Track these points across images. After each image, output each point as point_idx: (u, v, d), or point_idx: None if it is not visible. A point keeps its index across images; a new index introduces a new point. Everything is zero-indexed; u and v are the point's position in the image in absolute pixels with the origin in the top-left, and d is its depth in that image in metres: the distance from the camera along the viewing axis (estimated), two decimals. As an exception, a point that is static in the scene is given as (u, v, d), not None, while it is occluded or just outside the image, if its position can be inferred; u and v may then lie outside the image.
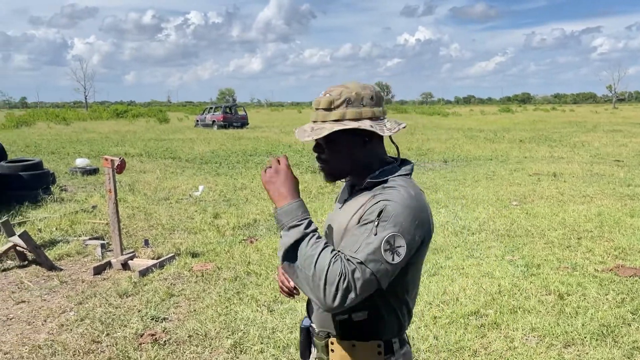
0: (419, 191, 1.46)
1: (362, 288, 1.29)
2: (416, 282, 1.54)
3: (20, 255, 5.57)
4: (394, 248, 1.32)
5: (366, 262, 1.29)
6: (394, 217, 1.34)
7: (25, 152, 15.85)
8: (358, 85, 1.48)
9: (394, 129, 1.45)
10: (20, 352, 3.62)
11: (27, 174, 8.71)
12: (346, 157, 1.49)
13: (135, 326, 3.98)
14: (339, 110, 1.44)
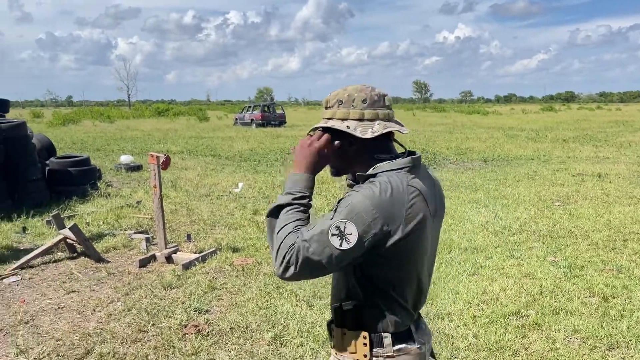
0: (407, 185, 1.47)
1: (302, 265, 1.38)
2: (407, 280, 1.53)
3: (70, 248, 5.82)
4: (344, 234, 1.38)
5: (310, 240, 1.39)
6: (351, 205, 1.41)
7: (72, 149, 16.43)
8: (356, 88, 1.56)
9: (378, 132, 1.49)
10: (72, 339, 3.79)
11: (76, 169, 9.05)
12: (339, 154, 1.58)
13: (180, 317, 4.11)
14: (331, 110, 1.56)
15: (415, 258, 1.52)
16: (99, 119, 38.95)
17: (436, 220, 1.60)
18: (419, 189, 1.50)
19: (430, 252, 1.61)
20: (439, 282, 4.77)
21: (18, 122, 8.63)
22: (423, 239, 1.51)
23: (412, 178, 1.50)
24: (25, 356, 3.53)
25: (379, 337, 1.53)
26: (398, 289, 1.52)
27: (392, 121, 1.58)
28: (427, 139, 20.63)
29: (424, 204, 1.49)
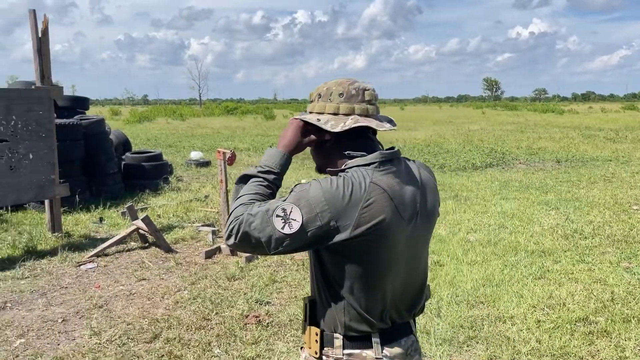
0: (369, 183, 1.39)
1: (242, 237, 1.39)
2: (366, 286, 1.45)
3: (142, 238, 6.13)
4: (288, 218, 1.36)
5: (255, 216, 1.37)
6: (303, 192, 1.38)
7: (146, 145, 17.24)
8: (336, 82, 1.52)
9: (348, 126, 1.44)
10: (141, 323, 4.01)
11: (149, 164, 9.52)
12: (315, 147, 1.58)
13: (241, 307, 4.25)
14: (312, 104, 1.54)
15: (375, 262, 1.43)
16: (172, 116, 40.54)
17: (418, 224, 1.49)
18: (384, 188, 1.40)
19: (408, 259, 1.50)
20: (502, 285, 4.65)
21: (97, 118, 9.18)
22: (385, 244, 1.42)
23: (380, 176, 1.42)
24: (98, 338, 3.77)
25: (330, 336, 1.50)
26: (352, 292, 1.45)
27: (371, 117, 1.50)
28: (496, 138, 20.01)
29: (389, 205, 1.40)
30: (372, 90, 1.52)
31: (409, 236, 1.47)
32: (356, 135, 1.49)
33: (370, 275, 1.44)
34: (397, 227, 1.42)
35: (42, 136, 6.09)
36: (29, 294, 4.67)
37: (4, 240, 6.14)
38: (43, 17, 6.14)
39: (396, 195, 1.42)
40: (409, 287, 1.54)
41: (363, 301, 1.45)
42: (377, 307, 1.47)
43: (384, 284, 1.46)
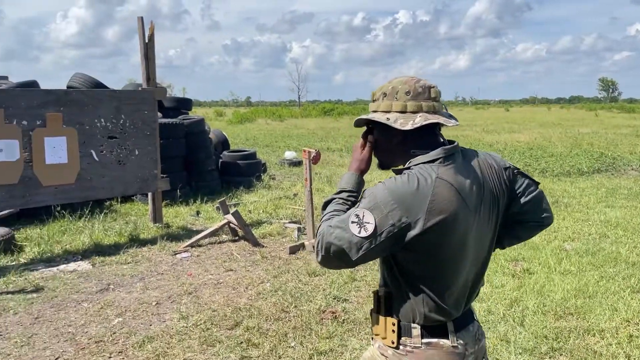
0: (435, 178, 1.42)
1: (327, 250, 1.43)
2: (440, 276, 1.49)
3: (232, 231, 6.44)
4: (362, 222, 1.39)
5: (334, 226, 1.43)
6: (371, 195, 1.42)
7: (244, 144, 17.99)
8: (400, 80, 1.53)
9: (418, 124, 1.46)
10: (225, 311, 4.23)
11: (244, 162, 9.96)
12: (381, 146, 1.59)
13: (319, 302, 4.34)
14: (376, 103, 1.55)
15: (448, 254, 1.46)
16: (271, 117, 41.90)
17: (483, 213, 1.51)
18: (450, 181, 1.43)
19: (476, 248, 1.53)
20: (595, 297, 4.35)
21: (198, 119, 9.76)
22: (455, 236, 1.44)
23: (445, 170, 1.44)
24: (186, 322, 4.03)
25: (407, 326, 1.53)
26: (428, 284, 1.49)
27: (437, 114, 1.52)
28: (607, 142, 18.57)
29: (457, 198, 1.43)
30: (436, 88, 1.55)
31: (476, 226, 1.51)
32: (424, 132, 1.52)
33: (445, 267, 1.50)
34: (465, 218, 1.47)
35: (147, 134, 6.60)
36: (130, 278, 5.09)
37: (112, 228, 6.73)
38: (150, 24, 6.65)
39: (462, 188, 1.46)
40: (475, 276, 1.59)
41: (439, 291, 1.50)
42: (452, 296, 1.53)
43: (458, 274, 1.52)
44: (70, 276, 5.13)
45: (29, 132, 5.67)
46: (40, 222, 6.96)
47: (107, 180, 6.30)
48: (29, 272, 5.21)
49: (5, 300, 4.50)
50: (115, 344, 3.70)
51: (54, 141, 5.84)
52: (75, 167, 6.02)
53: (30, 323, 4.06)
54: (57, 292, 4.70)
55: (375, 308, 1.61)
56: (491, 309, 4.17)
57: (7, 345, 3.69)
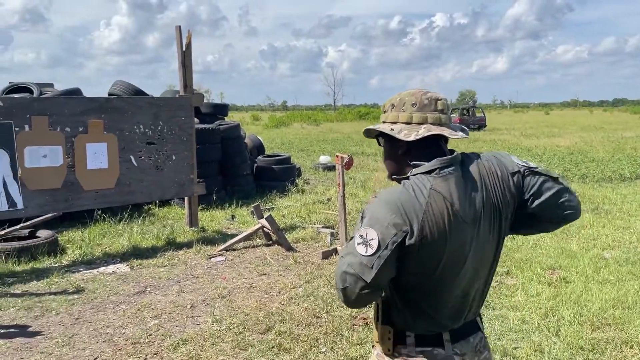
0: (429, 189, 1.43)
1: (342, 281, 1.42)
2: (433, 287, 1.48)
3: (266, 236, 6.52)
4: (367, 240, 1.39)
5: (344, 255, 1.43)
6: (370, 211, 1.43)
7: (280, 149, 18.16)
8: (409, 92, 1.54)
9: (421, 135, 1.47)
10: (257, 315, 4.29)
11: (278, 167, 10.07)
12: (387, 156, 1.60)
13: (351, 309, 4.35)
14: (385, 114, 1.57)
15: (440, 266, 1.45)
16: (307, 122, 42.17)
17: (484, 225, 1.49)
18: (443, 193, 1.43)
19: (476, 261, 1.51)
20: (635, 307, 4.22)
21: (233, 124, 9.92)
22: (448, 247, 1.44)
23: (440, 182, 1.45)
24: (219, 325, 4.11)
25: (402, 334, 1.54)
26: (421, 295, 1.49)
27: (443, 126, 1.52)
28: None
29: (449, 210, 1.42)
30: (444, 100, 1.56)
31: (474, 238, 1.49)
32: (428, 144, 1.53)
33: (438, 279, 1.49)
34: (460, 230, 1.46)
35: (183, 140, 6.76)
36: (166, 281, 5.22)
37: (150, 232, 6.91)
38: (187, 33, 6.82)
39: (456, 200, 1.46)
40: (476, 287, 1.57)
41: (432, 303, 1.52)
42: (447, 307, 1.53)
43: (453, 286, 1.51)
44: (110, 278, 5.30)
45: (72, 139, 5.89)
46: (82, 225, 7.21)
47: (146, 184, 6.48)
48: (70, 273, 5.41)
49: (48, 300, 4.69)
50: (151, 345, 3.81)
51: (95, 147, 6.05)
52: (115, 172, 6.22)
53: (71, 323, 4.22)
54: (97, 294, 4.86)
55: (374, 315, 1.64)
56: (525, 318, 4.10)
57: (49, 344, 3.84)
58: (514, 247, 6.03)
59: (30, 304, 4.60)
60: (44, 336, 3.99)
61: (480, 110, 34.07)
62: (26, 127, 5.59)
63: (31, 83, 8.69)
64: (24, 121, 5.58)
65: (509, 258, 5.65)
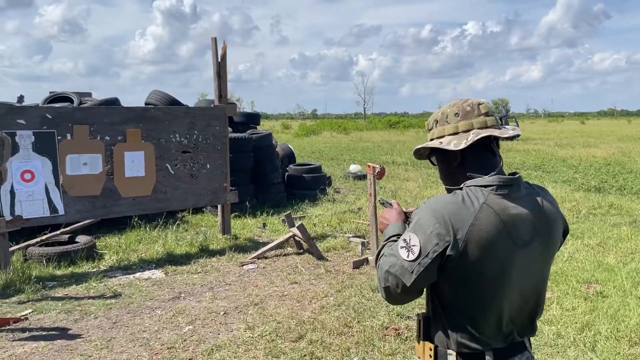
0: (481, 204, 1.43)
1: (385, 280, 1.47)
2: (477, 304, 1.48)
3: (297, 244, 6.58)
4: (409, 246, 1.42)
5: (387, 256, 1.48)
6: (417, 217, 1.45)
7: (310, 157, 18.25)
8: (449, 104, 1.56)
9: (471, 141, 1.47)
10: (289, 323, 4.33)
11: (309, 176, 10.13)
12: (443, 173, 1.60)
13: (382, 319, 4.36)
14: (431, 132, 1.59)
15: (483, 283, 1.45)
16: (337, 130, 42.22)
17: (534, 249, 1.49)
18: (497, 210, 1.43)
19: (522, 282, 1.50)
20: (676, 324, 4.10)
21: (265, 133, 10.05)
22: (494, 265, 1.44)
23: (495, 199, 1.44)
24: (252, 332, 4.17)
25: (443, 352, 1.53)
26: (463, 311, 1.49)
27: (490, 127, 1.52)
28: None
29: (499, 228, 1.42)
30: (486, 103, 1.57)
31: (522, 260, 1.49)
32: (479, 149, 1.54)
33: (480, 294, 1.48)
34: (507, 249, 1.46)
35: (217, 148, 6.89)
36: (200, 287, 5.32)
37: (184, 239, 7.04)
38: (222, 44, 6.97)
39: (509, 219, 1.45)
40: (523, 309, 1.55)
41: (474, 320, 1.50)
42: (489, 326, 1.51)
43: (495, 304, 1.49)
44: (145, 284, 5.43)
45: (111, 147, 6.08)
46: (119, 231, 7.40)
47: (180, 192, 6.62)
48: (108, 278, 5.56)
49: (87, 304, 4.83)
50: (186, 350, 3.89)
51: (133, 155, 6.22)
52: (152, 180, 6.38)
53: (109, 327, 4.34)
54: (133, 299, 4.98)
55: (418, 332, 1.64)
56: (561, 333, 4.03)
57: (88, 347, 3.96)
58: (548, 260, 5.93)
59: (70, 307, 4.75)
60: (83, 339, 4.11)
61: (514, 120, 33.58)
62: (68, 136, 5.80)
63: (71, 92, 8.99)
64: (66, 130, 5.79)
65: (543, 271, 5.56)
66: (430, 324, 1.59)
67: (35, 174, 5.61)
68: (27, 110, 5.72)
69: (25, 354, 3.85)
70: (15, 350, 3.89)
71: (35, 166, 5.62)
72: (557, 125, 60.11)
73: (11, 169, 5.47)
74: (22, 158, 5.54)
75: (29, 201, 5.60)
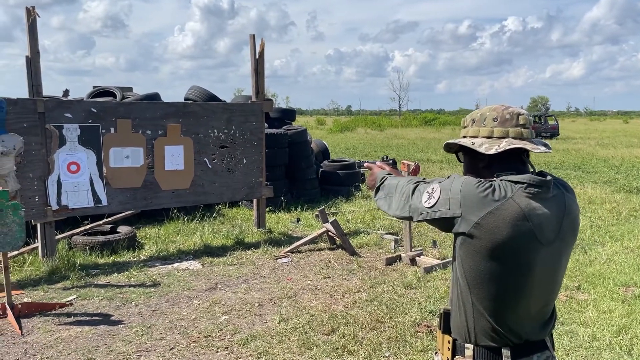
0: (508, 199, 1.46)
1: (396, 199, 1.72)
2: (496, 296, 1.51)
3: (330, 239, 6.65)
4: (432, 195, 1.52)
5: (413, 187, 1.67)
6: (452, 179, 1.53)
7: (344, 154, 18.28)
8: (490, 107, 1.58)
9: (502, 148, 1.50)
10: (322, 317, 4.41)
11: (343, 172, 10.18)
12: (467, 170, 1.64)
13: (414, 315, 4.39)
14: (466, 129, 1.62)
15: (509, 279, 1.49)
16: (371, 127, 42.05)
17: (557, 248, 1.52)
18: (522, 207, 1.46)
19: (543, 280, 1.52)
20: None
21: (300, 129, 10.14)
22: (513, 261, 1.48)
23: (523, 196, 1.47)
24: (286, 324, 4.26)
25: (461, 345, 1.57)
26: (486, 305, 1.52)
27: (525, 139, 1.54)
28: None
29: (523, 225, 1.46)
30: (526, 115, 1.58)
31: (545, 258, 1.52)
32: (509, 157, 1.57)
33: (502, 290, 1.52)
34: (531, 247, 1.49)
35: (254, 144, 7.02)
36: (235, 279, 5.45)
37: (220, 231, 7.21)
38: (260, 41, 7.07)
39: (534, 217, 1.48)
40: (543, 305, 1.58)
41: (495, 315, 1.53)
42: (508, 321, 1.54)
43: (517, 300, 1.53)
44: (183, 274, 5.59)
45: (152, 141, 6.27)
46: (158, 223, 7.62)
47: (218, 186, 6.78)
48: (147, 268, 5.75)
49: (128, 292, 5.02)
50: (222, 339, 4.01)
51: (173, 149, 6.40)
52: (190, 174, 6.55)
53: (148, 315, 4.51)
54: (172, 288, 5.15)
55: (439, 324, 1.70)
56: (596, 335, 3.98)
57: (129, 333, 4.13)
58: (586, 262, 5.84)
59: (112, 294, 4.95)
60: (124, 325, 4.29)
61: (553, 118, 32.76)
62: (112, 130, 6.01)
63: (114, 87, 9.28)
64: (110, 124, 6.00)
65: (580, 272, 5.48)
66: (450, 317, 1.64)
67: (80, 165, 5.85)
68: (74, 105, 5.95)
69: (70, 337, 4.04)
70: (61, 334, 4.09)
71: (80, 158, 5.85)
72: (599, 124, 58.30)
73: (58, 161, 5.72)
74: (68, 150, 5.78)
75: (75, 192, 5.84)
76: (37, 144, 5.55)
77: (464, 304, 1.58)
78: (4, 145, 4.94)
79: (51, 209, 5.67)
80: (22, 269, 5.59)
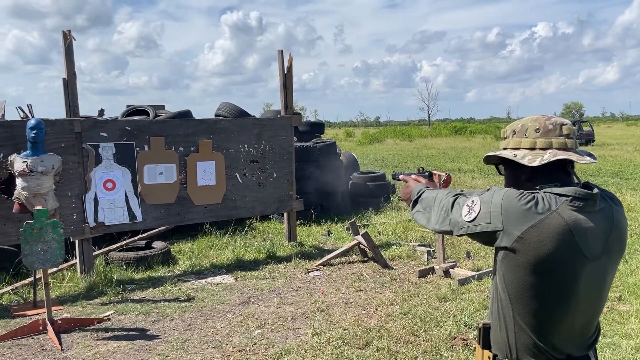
0: (552, 212, 1.43)
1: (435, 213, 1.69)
2: (539, 314, 1.48)
3: (362, 252, 6.62)
4: (472, 208, 1.49)
5: (453, 201, 1.58)
6: (492, 192, 1.49)
7: (373, 165, 18.23)
8: (531, 118, 1.55)
9: (546, 160, 1.46)
10: (355, 330, 4.38)
11: (373, 184, 10.15)
12: (509, 183, 1.60)
13: (449, 328, 4.32)
14: (506, 140, 1.59)
15: (554, 293, 1.45)
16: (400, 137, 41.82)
17: (604, 263, 1.48)
18: (567, 221, 1.41)
19: (588, 294, 1.48)
20: None
21: (329, 142, 10.17)
22: (557, 275, 1.44)
23: (568, 210, 1.43)
24: (319, 338, 4.25)
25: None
26: (528, 320, 1.48)
27: (570, 150, 1.50)
28: None
29: (567, 239, 1.42)
30: (569, 125, 1.55)
31: (590, 272, 1.48)
32: (553, 169, 1.53)
33: (547, 304, 1.48)
34: (576, 262, 1.45)
35: (284, 158, 7.07)
36: (268, 293, 5.47)
37: (252, 245, 7.26)
38: (288, 56, 7.15)
39: (580, 231, 1.44)
40: (587, 321, 1.54)
41: (539, 330, 1.50)
42: (551, 337, 1.50)
43: (562, 315, 1.49)
44: (217, 288, 5.64)
45: (184, 157, 6.39)
46: (191, 238, 7.73)
47: (249, 200, 6.85)
48: (182, 282, 5.83)
49: (163, 307, 5.09)
50: (256, 353, 4.02)
51: (205, 165, 6.51)
52: (222, 189, 6.64)
53: (184, 329, 4.56)
54: (206, 302, 5.20)
55: (478, 339, 1.67)
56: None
57: (165, 347, 4.19)
58: (627, 272, 5.66)
59: (148, 309, 5.03)
60: (160, 339, 4.34)
61: (588, 124, 31.99)
62: (145, 147, 6.15)
63: (147, 105, 9.49)
64: (144, 142, 6.14)
65: (621, 283, 5.31)
66: (490, 332, 1.61)
67: (116, 183, 5.99)
68: (109, 124, 6.12)
69: (109, 352, 4.12)
70: (99, 349, 4.18)
71: (116, 176, 6.00)
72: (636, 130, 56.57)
73: (95, 179, 5.87)
74: (104, 168, 5.93)
75: (111, 209, 5.98)
76: (74, 162, 5.72)
77: (505, 319, 1.55)
78: (44, 165, 5.10)
79: (88, 226, 5.81)
80: (61, 285, 5.74)
